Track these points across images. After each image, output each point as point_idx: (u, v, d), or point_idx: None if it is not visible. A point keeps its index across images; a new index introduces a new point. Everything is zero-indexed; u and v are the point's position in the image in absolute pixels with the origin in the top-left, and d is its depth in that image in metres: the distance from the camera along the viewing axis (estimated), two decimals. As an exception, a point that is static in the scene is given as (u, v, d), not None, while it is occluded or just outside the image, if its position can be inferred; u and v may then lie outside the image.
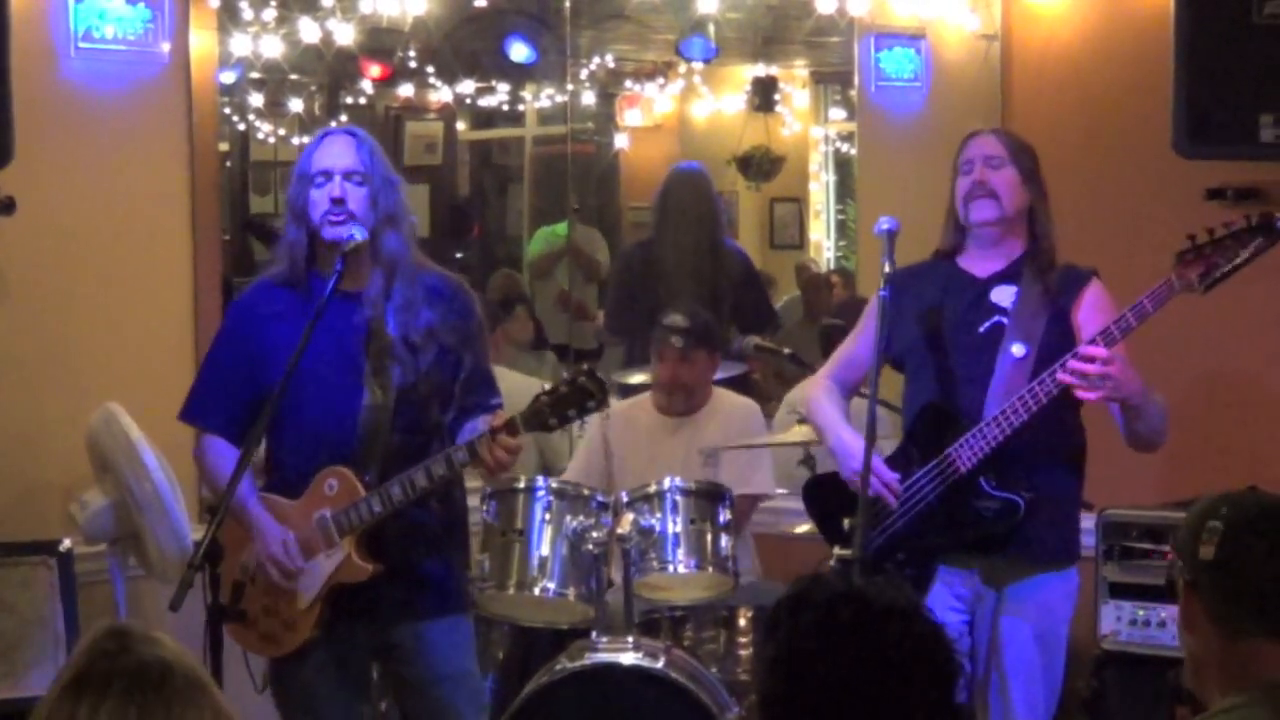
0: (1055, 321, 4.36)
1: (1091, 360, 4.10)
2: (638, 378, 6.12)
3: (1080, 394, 4.18)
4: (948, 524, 4.32)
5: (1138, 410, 4.25)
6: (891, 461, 4.48)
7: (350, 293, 4.25)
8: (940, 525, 4.32)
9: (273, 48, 6.30)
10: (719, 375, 5.95)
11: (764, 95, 9.10)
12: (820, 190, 9.63)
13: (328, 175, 4.22)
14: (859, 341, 4.68)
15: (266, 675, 4.37)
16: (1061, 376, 4.15)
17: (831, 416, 4.60)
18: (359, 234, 4.18)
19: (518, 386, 6.51)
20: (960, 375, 4.37)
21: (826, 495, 4.58)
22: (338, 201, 4.19)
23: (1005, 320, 4.38)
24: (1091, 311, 4.36)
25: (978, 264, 4.49)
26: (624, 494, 5.09)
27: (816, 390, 4.72)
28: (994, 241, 4.46)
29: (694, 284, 7.24)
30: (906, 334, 4.52)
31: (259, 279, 4.45)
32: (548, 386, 4.16)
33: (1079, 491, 4.53)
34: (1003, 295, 4.42)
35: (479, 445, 4.09)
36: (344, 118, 7.53)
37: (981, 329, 4.40)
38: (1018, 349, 4.32)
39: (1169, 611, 5.05)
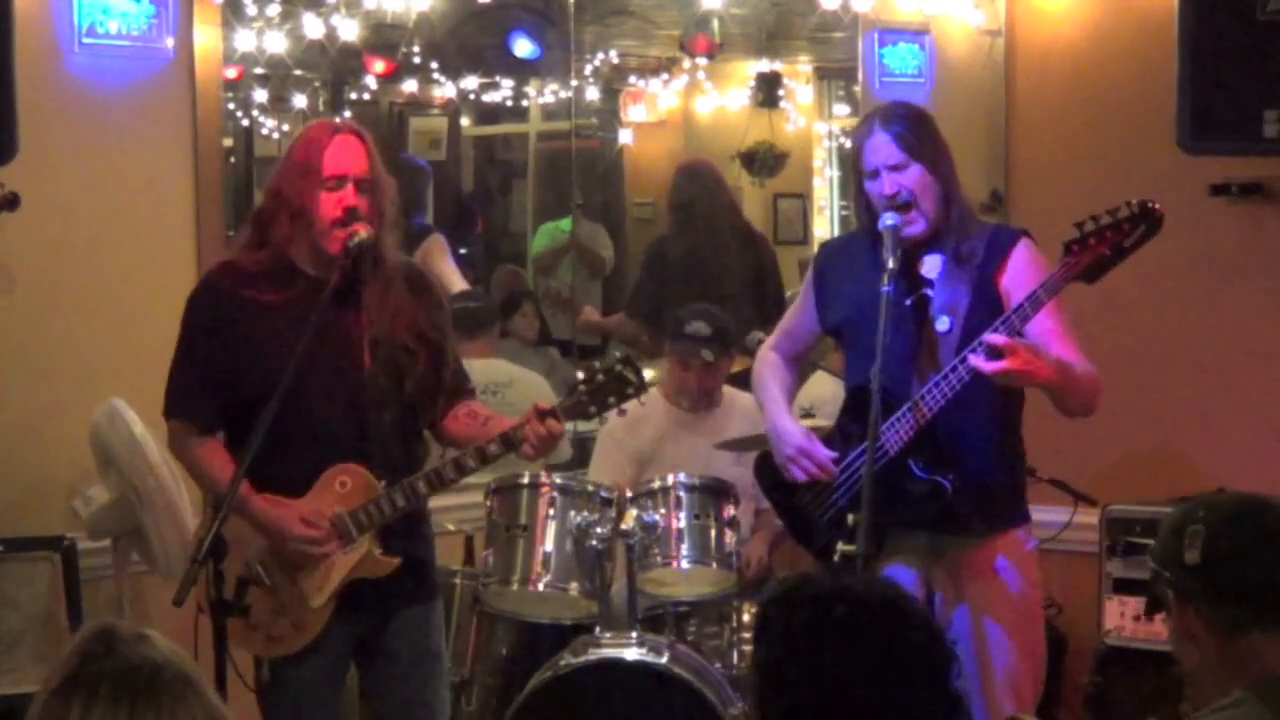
0: (980, 290, 4.26)
1: (994, 351, 4.00)
2: (650, 372, 6.09)
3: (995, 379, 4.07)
4: (884, 503, 4.15)
5: (1055, 389, 4.17)
6: (830, 440, 4.47)
7: (350, 290, 4.19)
8: (878, 504, 4.11)
9: (277, 43, 6.29)
10: None
11: (768, 91, 9.09)
12: (824, 186, 9.61)
13: (340, 181, 4.12)
14: (799, 314, 4.70)
15: (261, 675, 4.24)
16: (973, 361, 4.05)
17: (773, 397, 4.62)
18: (365, 233, 4.11)
19: (523, 380, 6.53)
20: (889, 351, 4.17)
21: (774, 468, 4.56)
22: (351, 210, 4.11)
23: (930, 292, 4.31)
24: (1018, 276, 4.21)
25: (904, 238, 4.35)
26: (627, 490, 5.08)
27: (763, 365, 4.73)
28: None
29: (731, 275, 7.28)
30: (840, 307, 4.51)
31: (226, 261, 4.30)
32: (581, 375, 4.10)
33: (1016, 457, 4.45)
34: (930, 266, 4.34)
35: (519, 433, 4.06)
36: (348, 113, 7.52)
37: (908, 302, 4.31)
38: (942, 322, 4.26)
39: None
